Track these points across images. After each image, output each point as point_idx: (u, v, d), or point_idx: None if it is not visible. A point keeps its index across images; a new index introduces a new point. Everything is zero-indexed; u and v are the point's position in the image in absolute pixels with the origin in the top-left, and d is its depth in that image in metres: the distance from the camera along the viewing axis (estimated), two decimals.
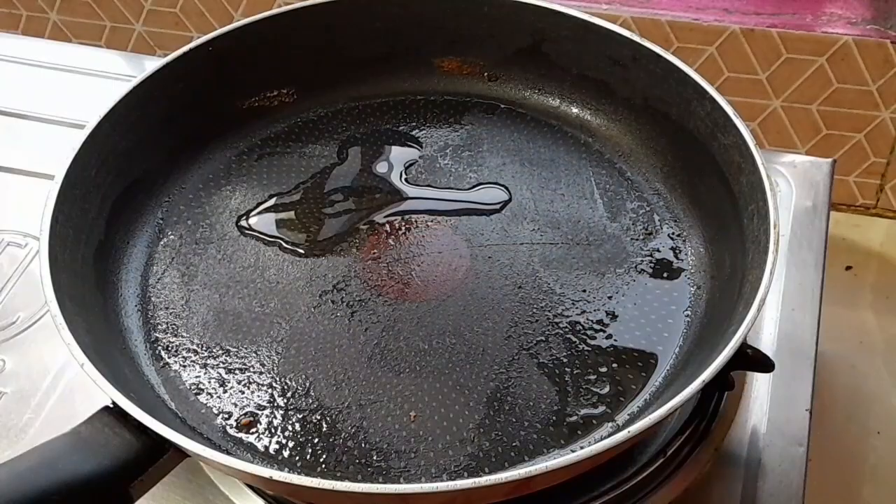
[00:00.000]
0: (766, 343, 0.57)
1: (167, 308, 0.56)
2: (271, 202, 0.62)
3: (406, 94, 0.68)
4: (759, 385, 0.55)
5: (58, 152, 0.54)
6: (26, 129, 0.74)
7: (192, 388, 0.52)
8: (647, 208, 0.60)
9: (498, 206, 0.61)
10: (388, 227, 0.60)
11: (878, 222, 0.79)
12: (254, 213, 0.61)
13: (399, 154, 0.64)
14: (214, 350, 0.53)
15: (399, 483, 0.47)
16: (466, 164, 0.63)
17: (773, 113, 0.78)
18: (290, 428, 0.50)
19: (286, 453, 0.49)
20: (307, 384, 0.51)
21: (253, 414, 0.50)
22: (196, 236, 0.60)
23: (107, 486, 0.43)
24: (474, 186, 0.62)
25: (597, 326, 0.54)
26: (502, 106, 0.67)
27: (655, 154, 0.62)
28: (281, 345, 0.54)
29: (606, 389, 0.51)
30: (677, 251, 0.58)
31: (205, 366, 0.53)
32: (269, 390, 0.51)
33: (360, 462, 0.48)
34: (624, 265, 0.57)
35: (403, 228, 0.59)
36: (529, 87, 0.67)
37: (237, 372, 0.52)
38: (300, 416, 0.50)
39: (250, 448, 0.49)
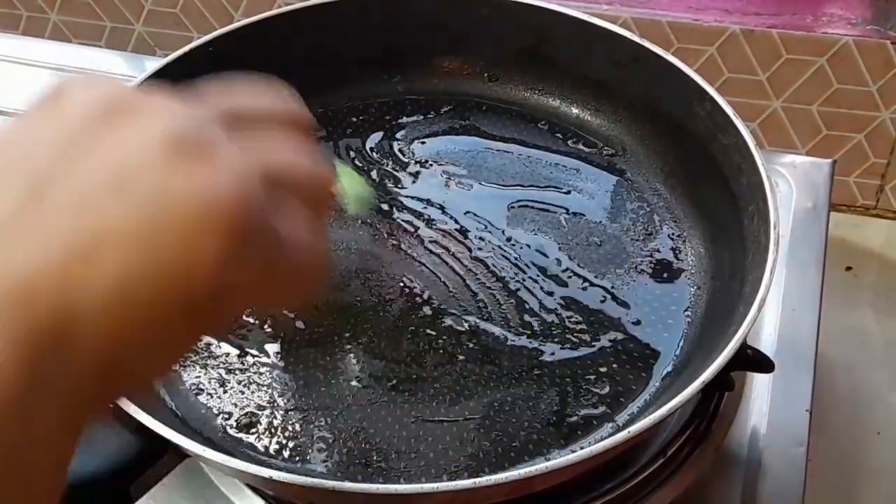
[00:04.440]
0: (766, 343, 0.57)
1: None
2: None
3: (406, 94, 0.68)
4: (759, 385, 0.55)
5: None
6: None
7: (192, 388, 0.52)
8: (647, 209, 0.60)
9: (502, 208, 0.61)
10: (387, 228, 0.59)
11: (878, 223, 0.79)
12: None
13: (399, 154, 0.64)
14: (214, 350, 0.53)
15: (399, 483, 0.47)
16: (466, 165, 0.63)
17: (774, 113, 0.78)
18: (290, 428, 0.50)
19: (286, 453, 0.49)
20: (307, 384, 0.51)
21: (253, 414, 0.50)
22: None
23: (107, 486, 0.43)
24: (474, 187, 0.62)
25: (596, 327, 0.54)
26: (502, 106, 0.67)
27: (655, 154, 0.62)
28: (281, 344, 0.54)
29: (606, 390, 0.51)
30: (677, 251, 0.58)
31: (205, 366, 0.53)
32: (269, 390, 0.51)
33: (360, 462, 0.48)
34: (624, 265, 0.57)
35: (403, 229, 0.59)
36: (530, 88, 0.67)
37: (237, 372, 0.52)
38: (300, 416, 0.50)
39: (250, 448, 0.49)
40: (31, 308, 0.21)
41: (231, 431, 0.50)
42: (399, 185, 0.62)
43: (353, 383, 0.51)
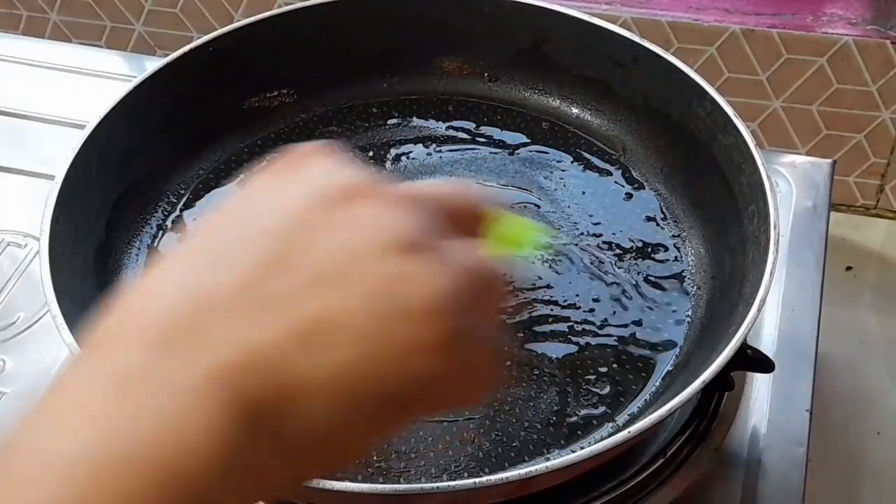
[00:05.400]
0: (767, 343, 0.57)
1: None
2: None
3: (406, 94, 0.68)
4: (759, 385, 0.55)
5: (58, 152, 0.54)
6: (26, 129, 0.74)
7: None
8: (648, 209, 0.60)
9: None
10: None
11: (878, 223, 0.79)
12: None
13: (399, 154, 0.64)
14: None
15: (399, 483, 0.47)
16: (466, 166, 0.63)
17: (774, 113, 0.78)
18: None
19: None
20: None
21: None
22: None
23: None
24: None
25: (596, 326, 0.54)
26: (502, 106, 0.67)
27: (655, 154, 0.62)
28: None
29: (607, 390, 0.51)
30: (677, 251, 0.58)
31: None
32: None
33: (360, 462, 0.48)
34: (624, 265, 0.57)
35: None
36: (530, 88, 0.67)
37: None
38: None
39: None
40: (244, 386, 0.22)
41: None
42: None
43: None
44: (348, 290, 0.23)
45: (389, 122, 0.67)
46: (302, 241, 0.24)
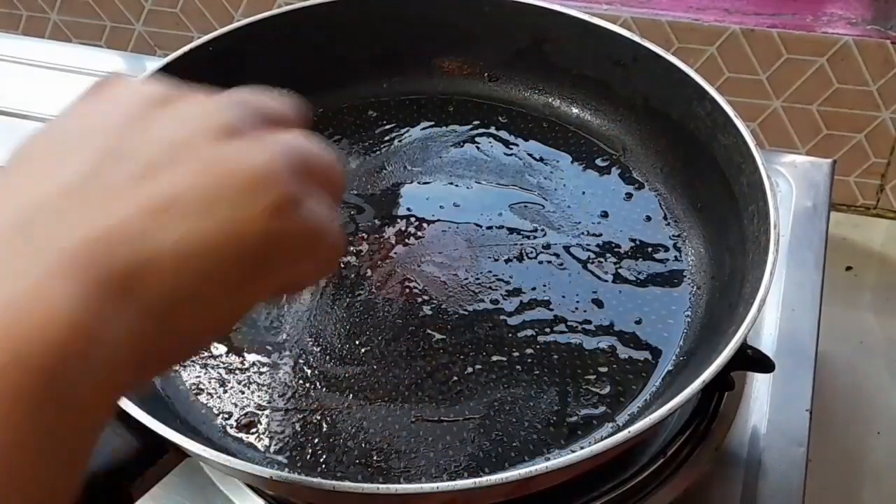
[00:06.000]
0: (767, 343, 0.57)
1: None
2: None
3: (406, 94, 0.68)
4: (759, 385, 0.55)
5: None
6: (26, 129, 0.74)
7: (192, 388, 0.52)
8: (647, 209, 0.60)
9: (501, 207, 0.61)
10: (387, 228, 0.59)
11: (878, 223, 0.79)
12: None
13: (399, 154, 0.64)
14: (214, 350, 0.53)
15: (399, 483, 0.47)
16: (467, 165, 0.63)
17: (774, 113, 0.78)
18: (290, 428, 0.50)
19: (286, 453, 0.49)
20: (307, 384, 0.51)
21: (253, 414, 0.50)
22: None
23: (106, 485, 0.43)
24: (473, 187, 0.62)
25: (597, 326, 0.54)
26: (502, 106, 0.67)
27: (655, 154, 0.62)
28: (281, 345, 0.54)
29: (607, 390, 0.51)
30: (677, 251, 0.58)
31: (205, 366, 0.53)
32: (269, 390, 0.51)
33: (361, 462, 0.48)
34: (624, 265, 0.57)
35: (403, 229, 0.59)
36: (530, 88, 0.67)
37: (237, 372, 0.52)
38: (300, 417, 0.50)
39: (250, 448, 0.49)
40: (109, 258, 0.24)
41: (231, 431, 0.50)
42: (399, 185, 0.62)
43: (353, 383, 0.51)
44: (182, 172, 0.26)
45: (389, 122, 0.67)
46: (133, 136, 0.27)
